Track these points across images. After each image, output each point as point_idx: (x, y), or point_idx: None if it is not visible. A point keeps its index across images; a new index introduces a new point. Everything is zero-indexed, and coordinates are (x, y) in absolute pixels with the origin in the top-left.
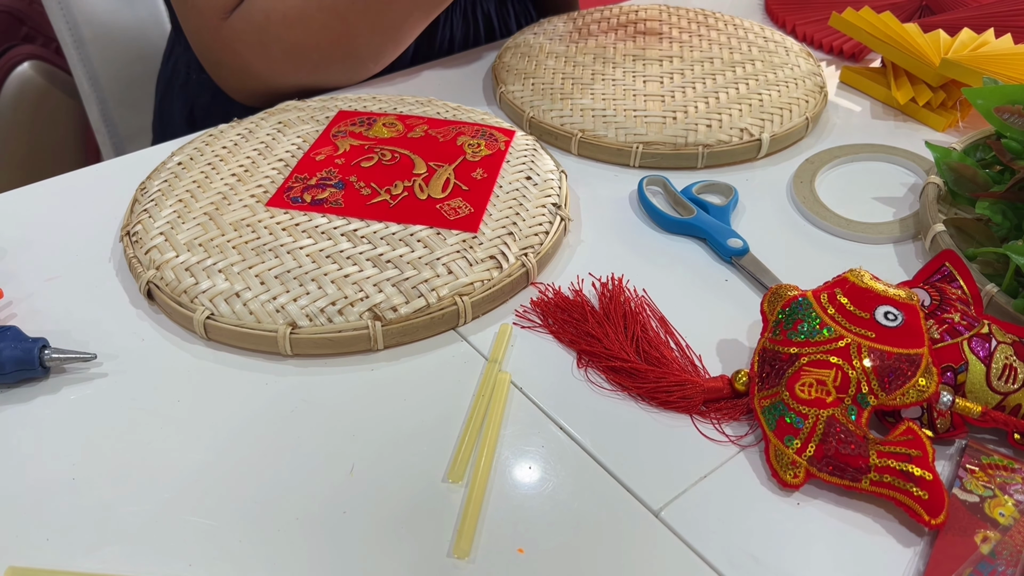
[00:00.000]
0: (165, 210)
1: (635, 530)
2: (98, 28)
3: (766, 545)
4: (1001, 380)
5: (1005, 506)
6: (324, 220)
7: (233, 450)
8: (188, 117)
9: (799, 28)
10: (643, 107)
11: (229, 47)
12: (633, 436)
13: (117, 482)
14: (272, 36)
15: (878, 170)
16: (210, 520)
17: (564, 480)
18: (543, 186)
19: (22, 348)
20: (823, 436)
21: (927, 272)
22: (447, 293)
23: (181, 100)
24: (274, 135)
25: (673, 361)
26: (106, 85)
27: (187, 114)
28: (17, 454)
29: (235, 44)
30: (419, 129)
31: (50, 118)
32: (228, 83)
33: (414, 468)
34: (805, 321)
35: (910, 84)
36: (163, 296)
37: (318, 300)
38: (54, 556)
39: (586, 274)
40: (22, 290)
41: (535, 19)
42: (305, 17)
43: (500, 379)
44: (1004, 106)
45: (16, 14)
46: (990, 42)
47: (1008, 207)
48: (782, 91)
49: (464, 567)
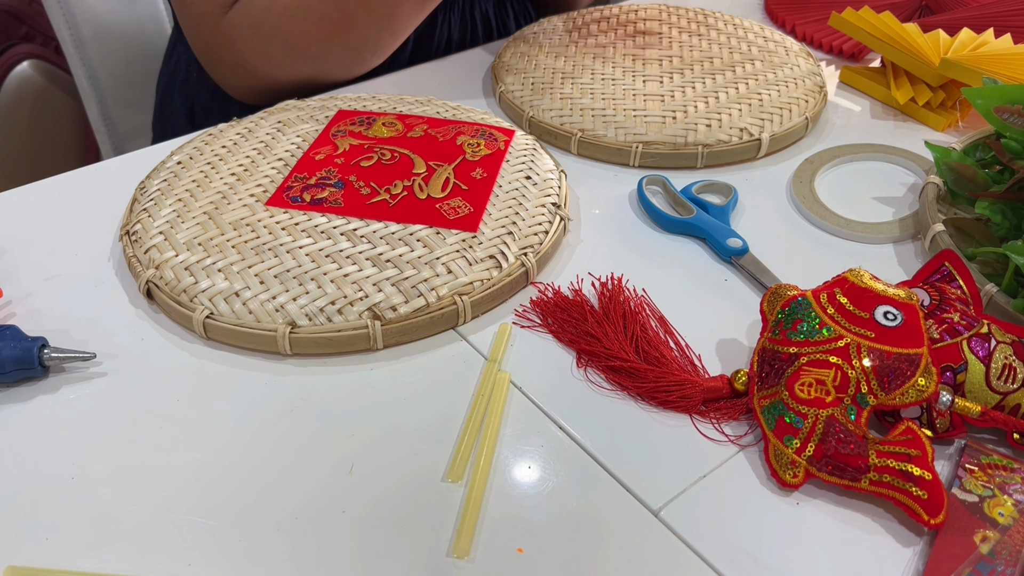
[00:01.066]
0: (165, 209)
1: (634, 530)
2: (98, 27)
3: (765, 545)
4: (1000, 380)
5: (1004, 506)
6: (323, 219)
7: (232, 449)
8: (188, 115)
9: (799, 28)
10: (643, 107)
11: (228, 43)
12: (633, 436)
13: (116, 481)
14: (271, 29)
15: (878, 170)
16: (209, 519)
17: (563, 480)
18: (543, 186)
19: (21, 347)
20: (822, 436)
21: (927, 272)
22: (447, 293)
23: (181, 98)
24: (274, 134)
25: (672, 361)
26: (105, 84)
27: (187, 112)
28: (16, 453)
29: (234, 39)
30: (419, 128)
31: (49, 117)
32: (226, 80)
33: (414, 467)
34: (804, 321)
35: (910, 84)
36: (162, 295)
37: (317, 299)
38: (53, 555)
39: (585, 274)
40: (21, 289)
41: (534, 19)
42: (305, 8)
43: (500, 379)
44: (1004, 106)
45: (15, 13)
46: (990, 42)
47: (1008, 207)
48: (782, 91)
49: (464, 566)
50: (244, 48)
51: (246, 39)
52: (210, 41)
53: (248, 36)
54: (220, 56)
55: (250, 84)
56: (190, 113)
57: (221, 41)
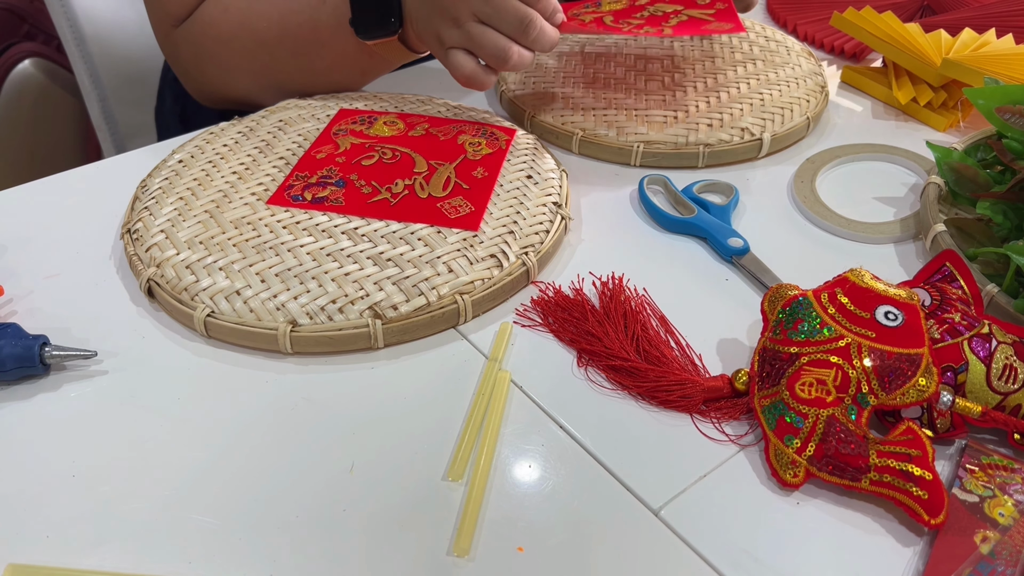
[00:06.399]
0: (166, 208)
1: (635, 529)
2: (99, 25)
3: (766, 544)
4: (1001, 380)
5: (1005, 506)
6: (325, 218)
7: (233, 448)
8: (180, 112)
9: (800, 28)
10: (644, 106)
11: (175, 52)
12: (633, 435)
13: (117, 479)
14: (207, 52)
15: (879, 170)
16: (210, 518)
17: (564, 479)
18: (544, 185)
19: (22, 345)
20: (823, 436)
21: (928, 272)
22: (447, 292)
23: (171, 96)
24: (275, 133)
25: (673, 360)
26: (107, 82)
27: (179, 108)
28: (17, 451)
29: (180, 51)
30: (420, 127)
31: (51, 115)
32: (187, 86)
33: (414, 466)
34: (805, 321)
35: (911, 84)
36: (164, 294)
37: (318, 298)
38: (54, 553)
39: (586, 273)
40: (22, 287)
41: None
42: (235, 40)
43: (500, 378)
44: (1005, 106)
45: (17, 12)
46: (991, 42)
47: (1009, 207)
48: (783, 90)
49: (464, 565)
50: (187, 62)
51: (188, 56)
52: (164, 47)
53: (189, 53)
54: (174, 62)
55: (201, 91)
56: (182, 113)
57: (171, 51)
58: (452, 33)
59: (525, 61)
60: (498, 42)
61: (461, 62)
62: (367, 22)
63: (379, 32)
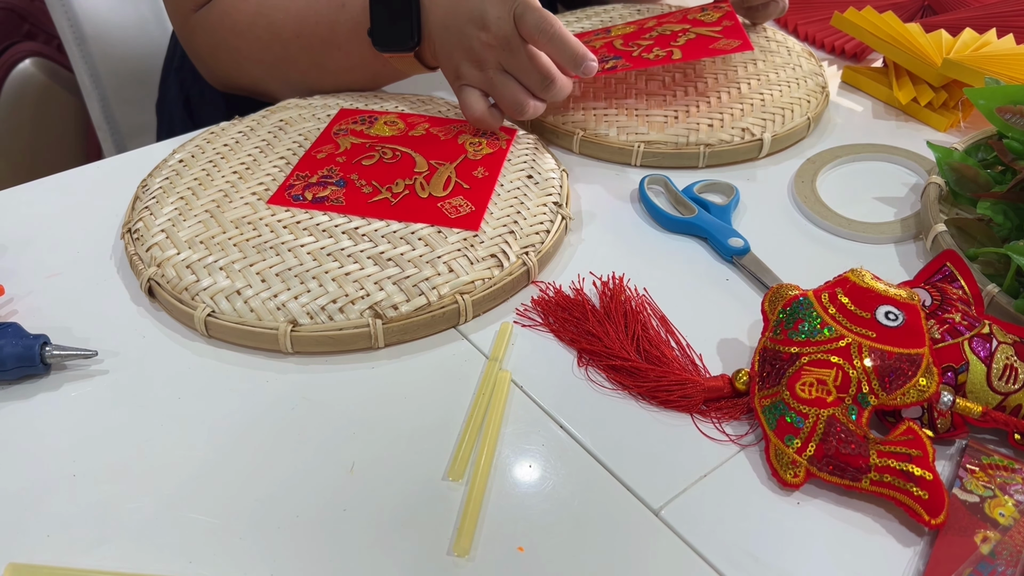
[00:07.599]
0: (166, 207)
1: (635, 529)
2: (100, 25)
3: (766, 544)
4: (1002, 380)
5: (1005, 506)
6: (325, 218)
7: (233, 447)
8: (184, 101)
9: (801, 28)
10: (645, 106)
11: (192, 38)
12: (633, 435)
13: (118, 479)
14: (222, 40)
15: (879, 170)
16: (210, 517)
17: (564, 478)
18: (544, 185)
19: (23, 345)
20: (823, 436)
21: (928, 272)
22: (448, 291)
23: (177, 83)
24: (275, 133)
25: (673, 360)
26: (107, 82)
27: (183, 98)
28: (17, 451)
29: (197, 36)
30: (420, 127)
31: (51, 115)
32: (200, 69)
33: (414, 466)
34: (806, 321)
35: (912, 84)
36: (164, 293)
37: (319, 298)
38: (54, 553)
39: (587, 273)
40: (23, 287)
41: None
42: (251, 31)
43: (500, 377)
44: (1006, 106)
45: (18, 11)
46: (992, 42)
47: (1009, 207)
48: (784, 91)
49: (464, 565)
50: (202, 48)
51: (203, 42)
52: (180, 32)
53: (205, 40)
54: (188, 47)
55: (214, 76)
56: (186, 101)
57: (187, 35)
58: (473, 73)
59: (538, 112)
60: (517, 96)
61: (475, 103)
62: (386, 36)
63: (397, 47)
